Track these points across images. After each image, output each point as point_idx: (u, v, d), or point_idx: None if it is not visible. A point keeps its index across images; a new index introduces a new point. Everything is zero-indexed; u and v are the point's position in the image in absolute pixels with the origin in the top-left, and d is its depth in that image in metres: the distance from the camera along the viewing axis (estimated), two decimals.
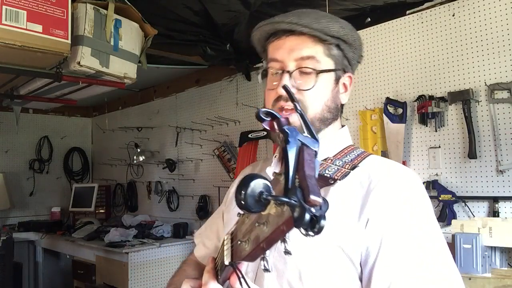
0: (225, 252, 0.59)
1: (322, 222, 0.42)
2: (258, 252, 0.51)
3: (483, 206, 2.08)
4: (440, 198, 2.17)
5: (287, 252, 0.47)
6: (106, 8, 2.14)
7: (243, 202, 0.45)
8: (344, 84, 0.90)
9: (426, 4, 2.33)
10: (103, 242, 3.37)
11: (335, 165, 0.82)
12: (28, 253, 4.42)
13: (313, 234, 0.42)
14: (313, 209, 0.42)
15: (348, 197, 0.78)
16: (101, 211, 4.67)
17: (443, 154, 2.24)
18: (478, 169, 2.11)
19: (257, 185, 0.46)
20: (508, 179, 2.01)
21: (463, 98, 2.12)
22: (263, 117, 0.53)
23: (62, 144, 5.01)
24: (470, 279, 1.81)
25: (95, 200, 4.40)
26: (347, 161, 0.83)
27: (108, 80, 2.30)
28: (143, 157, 4.22)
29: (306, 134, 0.50)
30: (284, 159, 0.46)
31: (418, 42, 2.35)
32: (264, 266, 0.52)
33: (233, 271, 0.59)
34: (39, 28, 1.86)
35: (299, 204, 0.42)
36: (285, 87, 0.63)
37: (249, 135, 3.16)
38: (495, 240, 1.83)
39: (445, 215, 2.15)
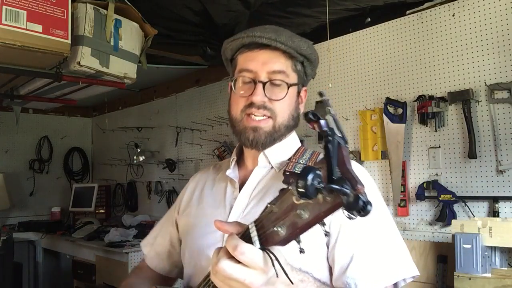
0: (253, 239, 0.62)
1: (369, 207, 0.49)
2: (293, 236, 0.58)
3: (483, 206, 2.08)
4: (440, 198, 2.17)
5: (327, 234, 0.58)
6: (106, 8, 2.14)
7: (303, 190, 0.51)
8: (301, 96, 1.00)
9: (426, 4, 2.33)
10: (103, 242, 3.37)
11: (300, 163, 0.92)
12: (28, 253, 4.42)
13: (355, 217, 0.49)
14: (361, 196, 0.48)
15: None
16: (101, 211, 4.67)
17: (443, 154, 2.24)
18: (478, 169, 2.11)
19: (315, 175, 0.52)
20: (508, 179, 2.01)
21: (463, 98, 2.12)
22: (311, 118, 0.60)
23: (62, 144, 5.01)
24: (470, 279, 1.81)
25: (95, 200, 4.40)
26: (306, 159, 0.94)
27: (108, 80, 2.30)
28: (143, 157, 4.22)
29: (339, 135, 0.57)
30: (326, 155, 0.53)
31: (418, 42, 2.35)
32: (300, 248, 0.58)
33: None
34: (39, 28, 1.85)
35: (351, 192, 0.49)
36: (321, 93, 0.73)
37: None
38: (495, 240, 1.83)
39: (445, 215, 2.15)
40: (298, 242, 0.58)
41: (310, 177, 0.51)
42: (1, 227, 4.06)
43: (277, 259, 0.61)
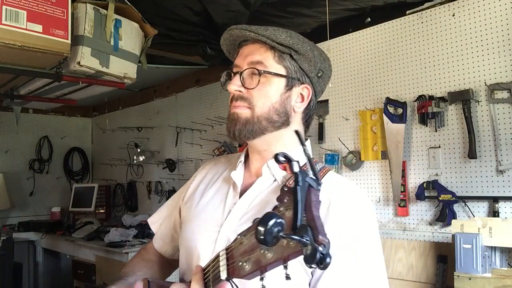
0: (221, 268, 0.64)
1: (328, 260, 0.48)
2: (256, 273, 0.57)
3: (483, 206, 2.08)
4: (440, 198, 2.17)
5: (287, 278, 0.54)
6: (106, 8, 2.14)
7: (262, 237, 0.51)
8: (301, 94, 0.95)
9: (426, 4, 2.33)
10: (103, 242, 3.37)
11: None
12: (28, 253, 4.42)
13: (315, 267, 0.49)
14: (321, 248, 0.48)
15: None
16: (101, 211, 4.67)
17: (443, 154, 2.24)
18: (478, 169, 2.11)
19: (275, 223, 0.51)
20: (508, 179, 2.01)
21: (463, 98, 2.13)
22: (280, 159, 0.60)
23: (62, 144, 5.01)
24: (470, 279, 1.81)
25: (95, 200, 4.40)
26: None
27: (108, 80, 2.30)
28: (143, 157, 4.22)
29: (311, 176, 0.56)
30: (294, 199, 0.53)
31: (418, 42, 2.35)
32: (262, 286, 0.58)
33: (222, 285, 0.66)
34: (39, 28, 1.86)
35: (310, 244, 0.49)
36: (297, 132, 0.72)
37: None
38: (495, 240, 1.83)
39: (445, 215, 2.15)
40: (262, 279, 0.58)
41: (269, 225, 0.50)
42: (1, 227, 4.06)
43: None
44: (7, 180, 4.35)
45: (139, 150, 4.23)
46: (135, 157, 4.24)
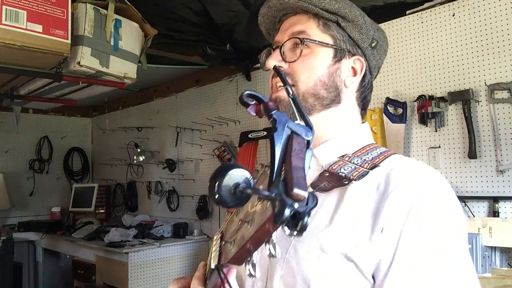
0: (213, 254, 0.53)
1: (306, 219, 0.37)
2: (244, 254, 0.45)
3: (483, 206, 2.08)
4: None
5: (271, 255, 0.41)
6: (106, 8, 2.14)
7: (216, 195, 0.40)
8: (353, 68, 0.81)
9: (426, 4, 2.33)
10: (103, 242, 3.37)
11: (353, 163, 0.73)
12: (28, 253, 4.42)
13: (296, 233, 0.37)
14: (296, 204, 0.37)
15: (363, 201, 0.68)
16: (101, 211, 4.68)
17: (443, 154, 2.24)
18: (478, 169, 2.11)
19: (233, 176, 0.41)
20: (508, 179, 2.01)
21: (463, 98, 2.12)
22: (246, 101, 0.46)
23: (62, 144, 5.01)
24: None
25: (95, 200, 4.40)
26: (367, 159, 0.74)
27: (108, 80, 2.30)
28: (143, 157, 4.22)
29: (298, 121, 0.45)
30: (270, 149, 0.41)
31: (418, 42, 2.35)
32: (249, 271, 0.45)
33: (215, 276, 0.55)
34: (39, 28, 1.86)
35: (279, 198, 0.37)
36: (275, 68, 0.58)
37: (249, 135, 3.16)
38: (495, 240, 1.83)
39: None
40: (248, 261, 0.45)
41: (225, 177, 0.40)
42: (1, 227, 4.07)
43: (228, 282, 0.51)
44: (7, 180, 4.35)
45: (139, 150, 4.23)
46: (135, 157, 4.24)
